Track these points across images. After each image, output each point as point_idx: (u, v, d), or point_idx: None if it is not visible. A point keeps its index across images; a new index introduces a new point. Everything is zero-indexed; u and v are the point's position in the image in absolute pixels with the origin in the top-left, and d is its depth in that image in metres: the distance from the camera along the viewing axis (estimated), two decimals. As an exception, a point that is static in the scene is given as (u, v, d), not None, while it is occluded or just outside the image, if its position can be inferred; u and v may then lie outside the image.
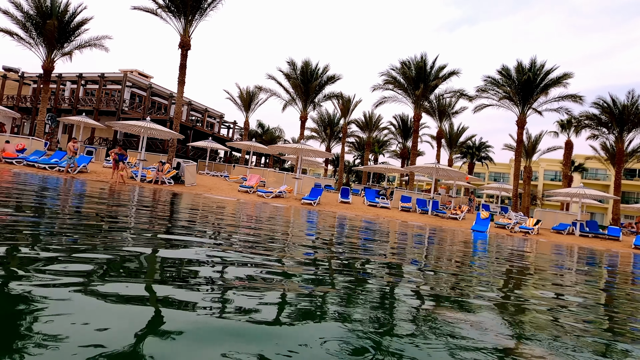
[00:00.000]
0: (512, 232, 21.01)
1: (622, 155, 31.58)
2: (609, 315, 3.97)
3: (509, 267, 7.05)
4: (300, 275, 3.86)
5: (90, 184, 15.51)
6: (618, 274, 8.65)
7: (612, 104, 30.69)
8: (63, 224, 5.23)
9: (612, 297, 5.35)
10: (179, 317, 2.25)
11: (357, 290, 3.54)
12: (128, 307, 2.30)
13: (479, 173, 60.18)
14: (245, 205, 15.26)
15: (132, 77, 38.70)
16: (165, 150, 32.79)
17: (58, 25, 26.64)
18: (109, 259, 3.45)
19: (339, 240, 7.96)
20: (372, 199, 24.85)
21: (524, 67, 30.99)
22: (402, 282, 4.33)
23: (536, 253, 11.24)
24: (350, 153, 59.67)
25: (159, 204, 11.05)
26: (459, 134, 46.42)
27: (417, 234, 12.53)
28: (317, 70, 36.84)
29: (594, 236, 22.55)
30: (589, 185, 40.62)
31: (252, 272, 3.68)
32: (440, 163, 27.62)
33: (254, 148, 30.87)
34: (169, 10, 25.64)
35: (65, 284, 2.51)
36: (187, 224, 7.15)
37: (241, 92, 42.66)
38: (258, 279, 3.44)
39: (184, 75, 26.04)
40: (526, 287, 5.13)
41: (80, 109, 37.30)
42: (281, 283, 3.39)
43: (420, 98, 32.81)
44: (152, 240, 4.84)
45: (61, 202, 8.22)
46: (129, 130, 23.14)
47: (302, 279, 3.69)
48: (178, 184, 20.97)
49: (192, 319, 2.23)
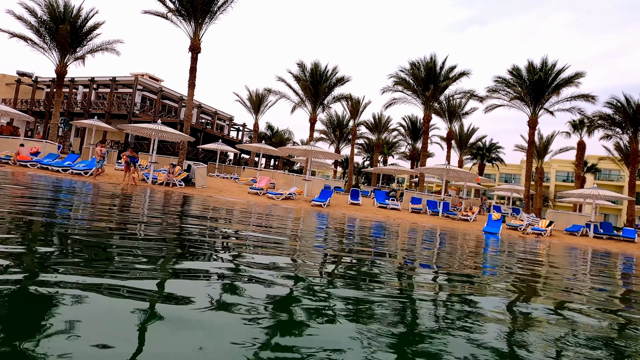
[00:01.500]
0: (525, 234, 20.77)
1: (636, 156, 31.05)
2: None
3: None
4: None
5: (103, 186, 15.67)
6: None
7: (626, 103, 30.21)
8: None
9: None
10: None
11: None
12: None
13: (489, 174, 59.66)
14: (255, 207, 15.30)
15: (143, 81, 39.10)
16: (175, 153, 33.04)
17: (70, 30, 27.00)
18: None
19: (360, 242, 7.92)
20: (382, 200, 24.75)
21: (535, 66, 30.68)
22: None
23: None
24: (360, 155, 59.62)
25: (185, 207, 11.12)
26: (469, 135, 46.09)
27: (428, 236, 12.43)
28: (327, 72, 36.87)
29: (609, 238, 22.18)
30: (603, 186, 39.92)
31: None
32: (451, 164, 27.40)
33: (264, 150, 30.96)
34: (180, 14, 25.85)
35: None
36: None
37: (250, 95, 42.88)
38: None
39: (194, 79, 26.22)
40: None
41: (92, 113, 37.74)
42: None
43: (430, 99, 32.62)
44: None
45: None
46: (140, 133, 23.36)
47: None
48: (189, 186, 21.09)
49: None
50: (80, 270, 2.90)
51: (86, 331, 1.86)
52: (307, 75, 36.75)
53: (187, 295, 2.64)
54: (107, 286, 2.57)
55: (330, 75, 36.91)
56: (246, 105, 43.30)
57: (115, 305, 2.27)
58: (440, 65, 32.74)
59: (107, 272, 2.96)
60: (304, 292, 3.18)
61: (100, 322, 2.01)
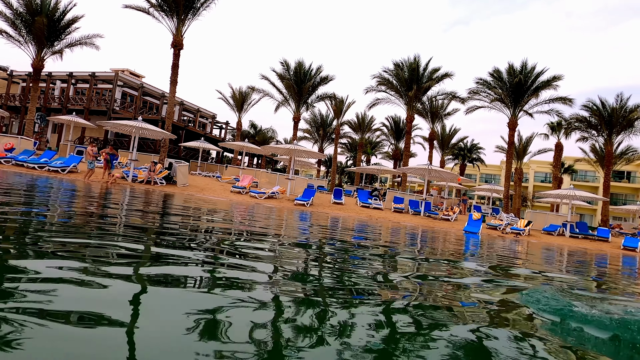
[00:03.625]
0: (504, 233, 21.16)
1: (611, 158, 32.00)
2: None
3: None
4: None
5: (80, 184, 15.31)
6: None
7: (602, 107, 31.06)
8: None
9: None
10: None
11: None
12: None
13: (470, 174, 60.53)
14: (237, 206, 15.18)
15: (124, 77, 38.34)
16: (157, 151, 32.50)
17: (48, 23, 26.30)
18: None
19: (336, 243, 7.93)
20: (364, 199, 24.87)
21: (515, 69, 31.27)
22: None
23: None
24: (343, 154, 59.76)
25: (161, 206, 10.94)
26: (451, 136, 46.69)
27: (411, 235, 12.55)
28: (311, 71, 36.81)
29: (584, 237, 22.80)
30: (579, 187, 40.89)
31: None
32: (433, 164, 27.72)
33: (247, 149, 30.73)
34: (162, 10, 25.44)
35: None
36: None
37: (234, 93, 42.49)
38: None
39: (176, 75, 25.86)
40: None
41: (70, 108, 36.83)
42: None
43: (413, 100, 32.91)
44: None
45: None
46: (120, 130, 22.91)
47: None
48: (170, 185, 20.79)
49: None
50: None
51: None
52: (291, 73, 36.62)
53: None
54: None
55: (314, 74, 36.88)
56: (229, 103, 42.91)
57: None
58: (424, 67, 33.07)
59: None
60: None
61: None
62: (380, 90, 34.77)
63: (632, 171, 51.14)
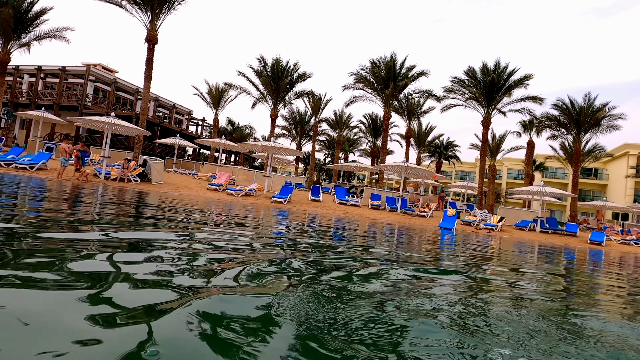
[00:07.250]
0: (478, 229, 21.68)
1: (579, 155, 33.18)
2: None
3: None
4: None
5: (50, 182, 14.85)
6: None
7: (571, 106, 32.13)
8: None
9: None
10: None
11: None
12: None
13: (446, 172, 61.62)
14: (213, 204, 15.02)
15: (96, 71, 37.30)
16: (131, 147, 31.83)
17: (14, 14, 25.34)
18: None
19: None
20: (342, 197, 25.01)
21: (489, 68, 32.01)
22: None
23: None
24: (321, 151, 59.85)
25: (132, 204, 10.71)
26: (427, 133, 47.43)
27: (394, 232, 12.71)
28: (288, 68, 36.71)
29: (554, 232, 23.61)
30: (549, 184, 42.42)
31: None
32: (409, 162, 28.11)
33: (224, 146, 30.40)
34: (135, 3, 24.88)
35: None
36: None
37: (210, 89, 41.97)
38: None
39: (150, 70, 25.37)
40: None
41: (39, 104, 35.65)
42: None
43: (390, 97, 33.26)
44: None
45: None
46: (92, 126, 22.34)
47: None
48: (144, 182, 20.41)
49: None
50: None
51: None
52: (268, 70, 36.42)
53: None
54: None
55: (292, 71, 36.79)
56: (206, 99, 42.36)
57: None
58: (400, 65, 33.46)
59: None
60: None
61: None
62: (358, 88, 35.03)
63: (599, 168, 53.10)
